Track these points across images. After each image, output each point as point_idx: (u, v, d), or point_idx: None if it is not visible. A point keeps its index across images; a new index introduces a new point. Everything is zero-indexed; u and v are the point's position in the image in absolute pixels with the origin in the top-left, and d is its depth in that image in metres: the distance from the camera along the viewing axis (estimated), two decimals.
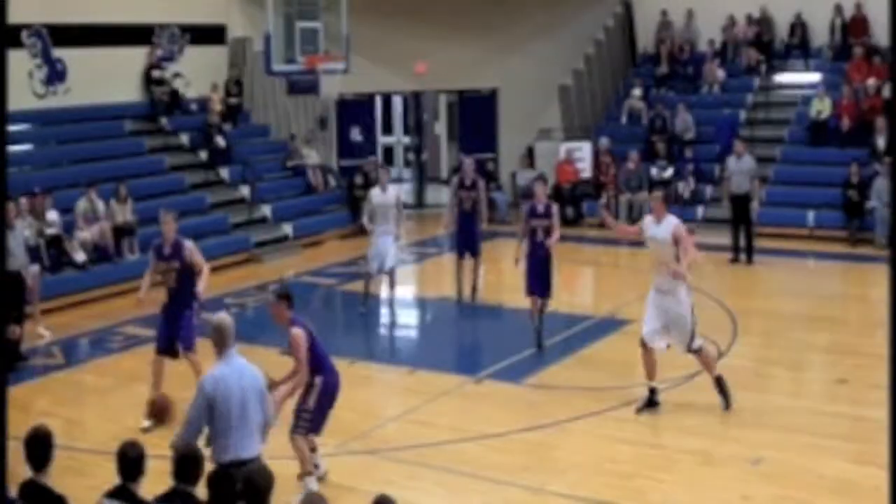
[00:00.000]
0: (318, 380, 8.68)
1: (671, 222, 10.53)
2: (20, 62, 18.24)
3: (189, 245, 11.10)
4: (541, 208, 12.92)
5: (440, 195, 26.17)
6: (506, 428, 10.44)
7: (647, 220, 10.82)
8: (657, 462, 9.62)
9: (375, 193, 14.97)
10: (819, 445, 9.86)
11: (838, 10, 23.24)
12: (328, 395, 8.77)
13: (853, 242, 19.32)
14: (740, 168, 17.98)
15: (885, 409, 10.04)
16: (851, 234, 19.50)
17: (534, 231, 12.89)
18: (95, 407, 11.78)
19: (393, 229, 14.86)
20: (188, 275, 10.98)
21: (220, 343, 7.06)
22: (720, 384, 10.73)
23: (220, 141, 20.79)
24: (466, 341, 14.66)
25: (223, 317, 7.29)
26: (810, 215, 20.13)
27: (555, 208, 13.01)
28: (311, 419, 8.74)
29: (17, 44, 18.33)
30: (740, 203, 17.92)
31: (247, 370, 7.09)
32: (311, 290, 17.00)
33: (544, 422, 10.58)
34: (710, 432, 10.24)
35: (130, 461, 6.00)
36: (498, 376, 12.18)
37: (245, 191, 20.57)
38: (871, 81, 21.65)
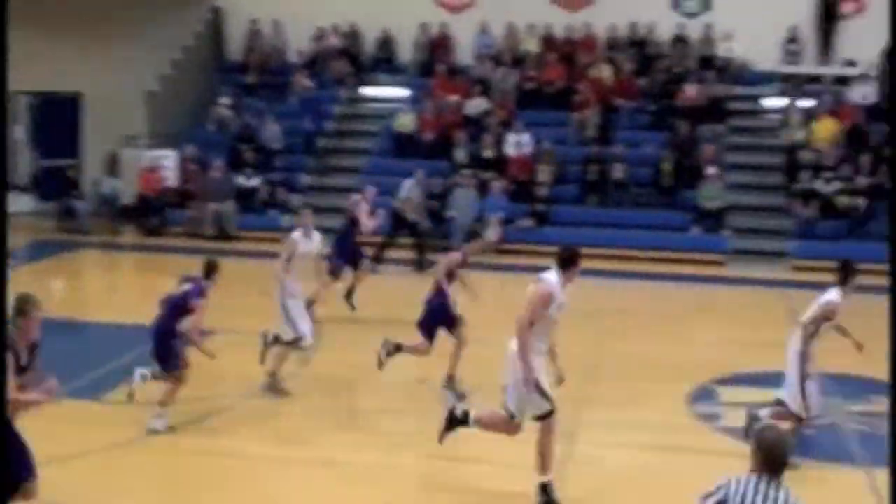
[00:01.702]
0: None
1: None
2: None
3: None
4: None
5: (19, 203, 24.66)
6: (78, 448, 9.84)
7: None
8: (237, 472, 9.43)
9: (298, 238, 12.11)
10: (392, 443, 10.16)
11: (423, 28, 24.21)
12: None
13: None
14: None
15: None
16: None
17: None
18: None
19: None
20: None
21: None
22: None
23: None
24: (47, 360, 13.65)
25: None
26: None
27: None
28: None
29: None
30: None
31: None
32: None
33: (120, 439, 10.08)
34: (285, 438, 10.29)
35: None
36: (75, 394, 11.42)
37: None
38: (454, 98, 22.80)
